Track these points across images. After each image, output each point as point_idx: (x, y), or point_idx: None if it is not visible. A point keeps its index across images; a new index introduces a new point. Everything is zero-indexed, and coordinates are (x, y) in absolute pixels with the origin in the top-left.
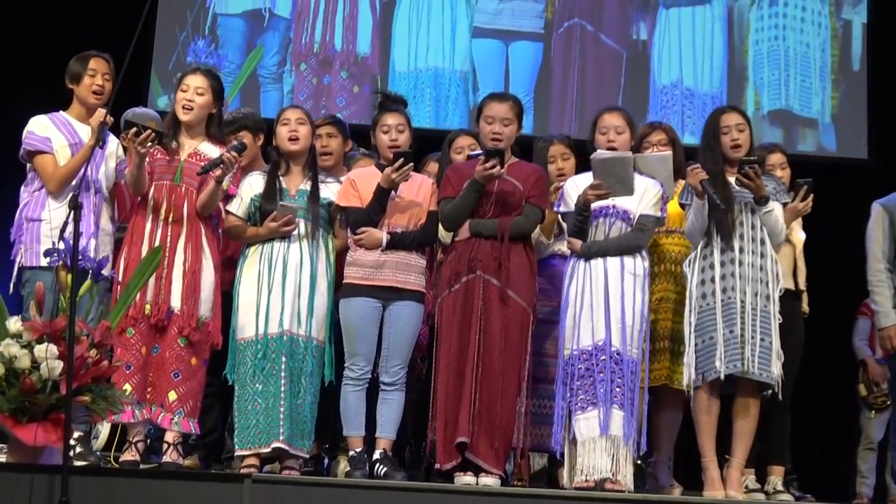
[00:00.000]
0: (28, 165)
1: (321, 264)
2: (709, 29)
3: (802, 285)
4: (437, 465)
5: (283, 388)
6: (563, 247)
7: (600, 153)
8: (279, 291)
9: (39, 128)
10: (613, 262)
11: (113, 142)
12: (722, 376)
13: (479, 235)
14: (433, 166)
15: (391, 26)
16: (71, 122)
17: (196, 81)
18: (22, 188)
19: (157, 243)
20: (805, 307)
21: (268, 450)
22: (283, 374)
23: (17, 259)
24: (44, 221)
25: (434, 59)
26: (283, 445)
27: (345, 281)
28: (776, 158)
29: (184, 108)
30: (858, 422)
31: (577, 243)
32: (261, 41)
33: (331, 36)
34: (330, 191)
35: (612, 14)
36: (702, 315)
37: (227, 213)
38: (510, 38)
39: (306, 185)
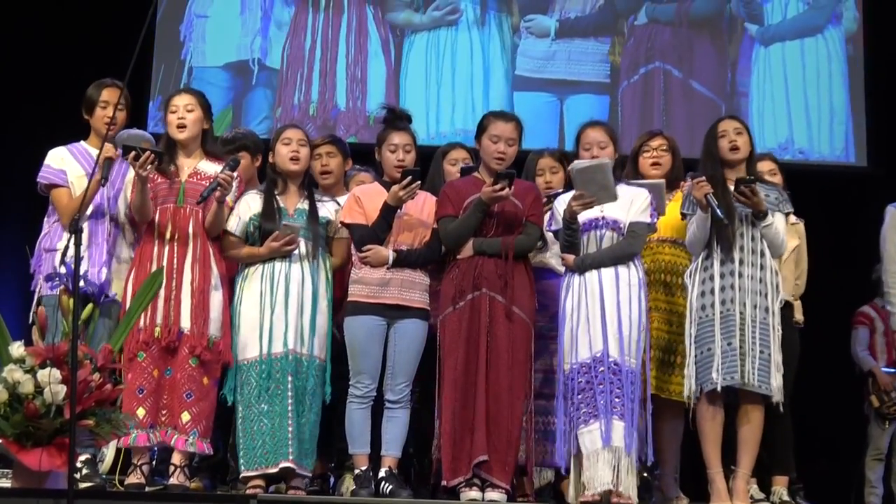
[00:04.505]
0: (49, 197)
1: (321, 283)
2: (824, 70)
3: (788, 296)
4: (444, 482)
5: (289, 408)
6: (544, 258)
7: (578, 163)
8: (282, 311)
9: (55, 161)
10: (608, 273)
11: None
12: (719, 388)
13: (482, 254)
14: None
15: (409, 76)
16: (90, 151)
17: (184, 100)
18: (45, 219)
19: (164, 265)
20: (798, 316)
21: (275, 470)
22: (289, 393)
23: (37, 289)
24: (58, 251)
25: (466, 118)
26: (291, 465)
27: (349, 299)
28: (766, 166)
29: (177, 127)
30: (866, 431)
31: (570, 258)
32: (247, 99)
33: (331, 92)
34: (327, 210)
35: (704, 55)
36: (701, 326)
37: (225, 232)
38: (566, 89)
39: (304, 205)
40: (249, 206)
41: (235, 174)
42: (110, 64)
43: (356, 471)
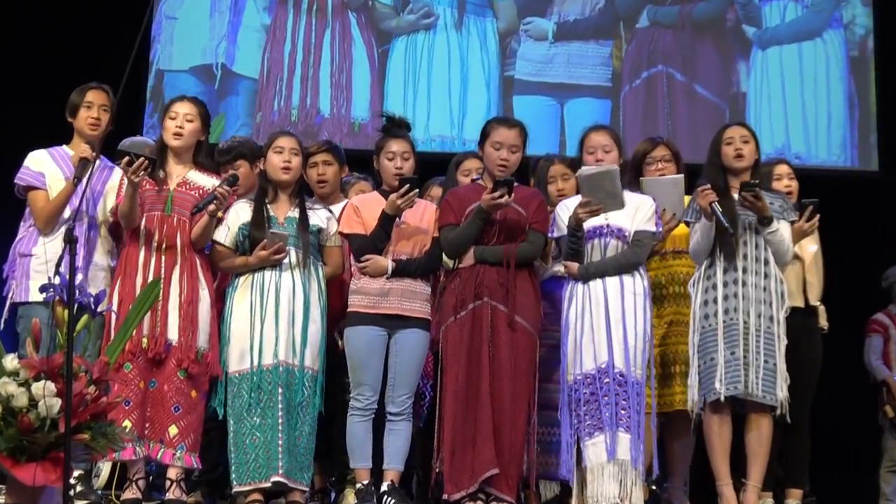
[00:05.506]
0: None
1: (313, 292)
2: (822, 74)
3: (815, 300)
4: (446, 496)
5: (280, 421)
6: (561, 269)
7: (585, 169)
8: (272, 322)
9: (34, 163)
10: (613, 282)
11: (115, 176)
12: (722, 398)
13: (484, 262)
14: (436, 191)
15: (393, 82)
16: (70, 155)
17: (185, 108)
18: (21, 223)
19: (150, 274)
20: (823, 322)
21: (267, 484)
22: (280, 405)
23: (9, 295)
24: (34, 256)
25: (456, 125)
26: (282, 479)
27: (350, 309)
28: (783, 169)
29: (174, 134)
30: (880, 442)
31: (574, 266)
32: (222, 108)
33: (314, 98)
34: (318, 217)
35: (708, 59)
36: (704, 336)
37: (214, 242)
38: (566, 93)
39: (294, 213)
40: (238, 215)
41: (231, 191)
42: (105, 69)
43: (358, 485)
